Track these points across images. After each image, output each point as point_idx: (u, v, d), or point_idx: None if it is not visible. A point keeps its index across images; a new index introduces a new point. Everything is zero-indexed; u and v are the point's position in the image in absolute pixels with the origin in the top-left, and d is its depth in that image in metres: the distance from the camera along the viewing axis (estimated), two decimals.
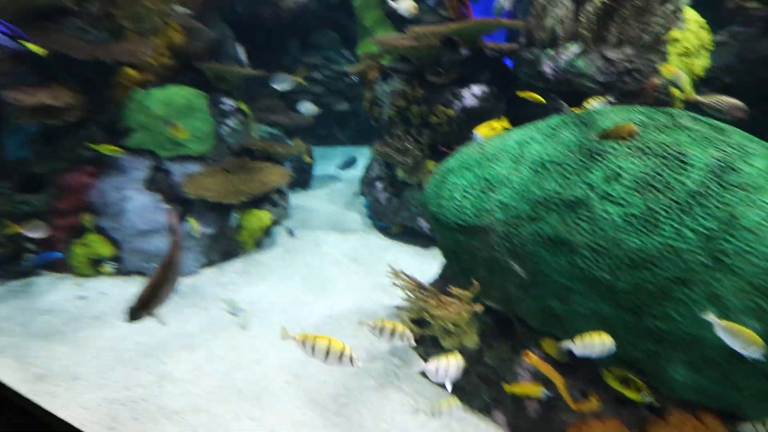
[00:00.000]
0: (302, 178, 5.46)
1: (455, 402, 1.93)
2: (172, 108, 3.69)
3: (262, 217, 3.94)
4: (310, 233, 4.56)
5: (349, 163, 6.10)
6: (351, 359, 1.73)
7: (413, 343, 1.93)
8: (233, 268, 3.92)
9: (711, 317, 1.56)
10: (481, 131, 2.77)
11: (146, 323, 1.84)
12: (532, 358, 2.05)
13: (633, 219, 1.78)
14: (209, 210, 3.76)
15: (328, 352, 1.73)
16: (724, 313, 1.62)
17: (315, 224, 4.77)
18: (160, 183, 3.67)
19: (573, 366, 2.10)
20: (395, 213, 4.30)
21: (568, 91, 3.36)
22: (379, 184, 4.42)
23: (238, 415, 2.33)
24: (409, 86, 4.02)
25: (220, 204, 3.69)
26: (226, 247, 3.92)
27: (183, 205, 3.74)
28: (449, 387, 2.01)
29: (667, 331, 1.71)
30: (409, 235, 4.39)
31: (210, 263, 3.87)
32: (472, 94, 3.89)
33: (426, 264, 3.93)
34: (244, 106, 4.29)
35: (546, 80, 3.44)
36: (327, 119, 6.55)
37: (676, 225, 1.71)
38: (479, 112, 3.84)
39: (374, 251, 4.23)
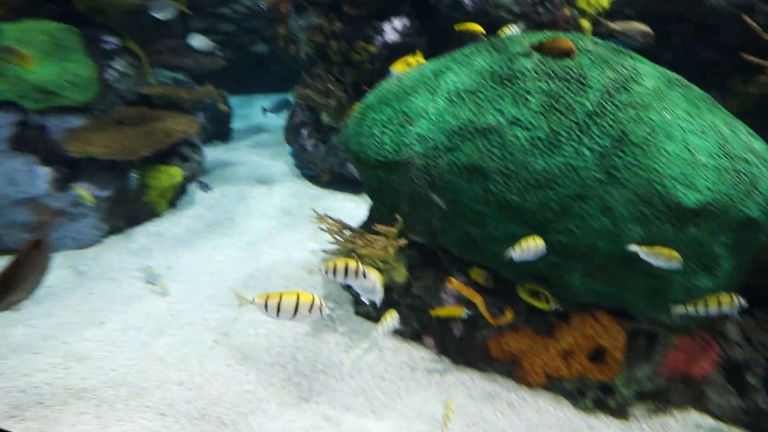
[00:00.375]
0: (220, 130, 5.00)
1: (394, 315, 2.00)
2: (32, 48, 3.02)
3: (172, 173, 3.56)
4: (234, 188, 4.28)
5: (281, 106, 5.30)
6: (320, 309, 1.60)
7: (379, 288, 1.88)
8: (144, 232, 3.58)
9: (635, 247, 1.71)
10: (398, 68, 2.66)
11: (43, 305, 1.62)
12: (453, 283, 2.18)
13: (539, 142, 1.85)
14: (103, 170, 3.29)
15: (296, 308, 1.56)
16: (615, 224, 1.80)
17: (238, 178, 4.47)
18: (32, 142, 3.11)
19: (492, 288, 2.27)
20: (323, 160, 4.15)
21: (487, 22, 3.32)
22: (304, 131, 4.19)
23: (162, 382, 2.23)
24: (325, 19, 3.70)
25: (115, 162, 3.24)
26: (131, 210, 3.52)
27: (69, 166, 3.24)
28: (378, 302, 2.06)
29: (567, 244, 1.87)
30: (339, 181, 4.29)
31: (115, 230, 3.47)
32: (393, 28, 3.68)
33: (359, 209, 3.91)
34: (134, 46, 3.68)
35: (465, 12, 3.38)
36: (243, 63, 5.89)
37: (575, 145, 1.81)
38: (402, 48, 3.68)
39: (304, 201, 4.10)
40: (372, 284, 1.93)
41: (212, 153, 4.86)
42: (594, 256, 1.88)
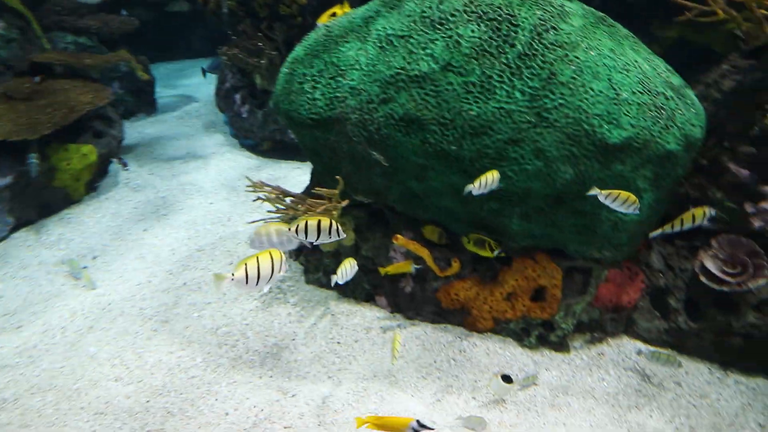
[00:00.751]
0: (143, 102, 4.51)
1: (352, 261, 1.95)
2: None
3: (84, 152, 3.17)
4: (164, 164, 3.93)
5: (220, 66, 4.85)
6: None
7: (341, 234, 1.75)
8: (60, 222, 3.23)
9: (595, 191, 1.73)
10: (324, 21, 2.48)
11: None
12: (399, 240, 2.15)
13: (472, 87, 1.82)
14: None
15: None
16: (548, 166, 1.84)
17: (168, 153, 4.11)
18: None
19: (437, 240, 2.28)
20: (261, 127, 3.89)
21: None
22: (236, 96, 3.88)
23: (95, 381, 2.07)
24: None
25: (9, 143, 2.82)
26: (41, 198, 3.13)
27: None
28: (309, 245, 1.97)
29: (504, 188, 1.89)
30: (281, 149, 4.07)
31: (23, 223, 3.09)
32: None
33: (305, 176, 3.75)
34: (16, 4, 3.13)
35: None
36: (164, 25, 5.29)
37: (507, 88, 1.80)
38: None
39: (244, 173, 3.86)
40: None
41: (135, 127, 4.41)
42: (530, 199, 1.92)
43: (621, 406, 2.04)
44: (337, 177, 2.21)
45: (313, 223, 1.68)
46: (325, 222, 1.69)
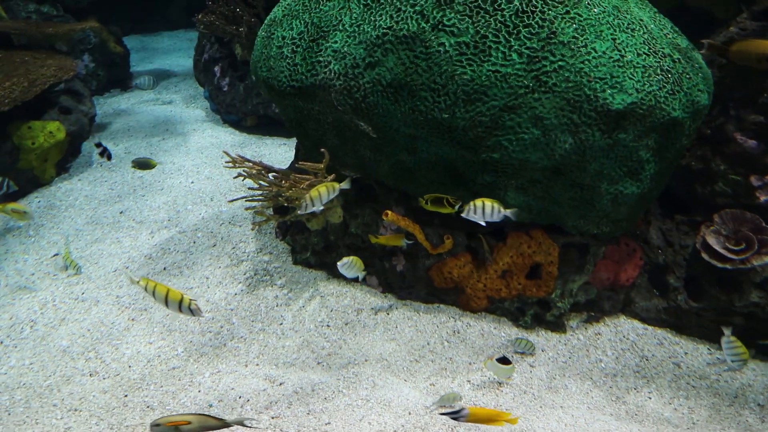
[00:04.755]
0: (117, 76, 4.24)
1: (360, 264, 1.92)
2: None
3: (51, 130, 2.95)
4: (141, 142, 3.72)
5: None
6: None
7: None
8: (27, 206, 3.02)
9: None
10: None
11: None
12: (390, 216, 2.03)
13: (465, 48, 1.67)
14: None
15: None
16: (546, 134, 1.71)
17: (145, 131, 3.88)
18: None
19: (428, 216, 2.16)
20: (244, 101, 3.67)
21: None
22: (216, 69, 3.65)
23: (69, 376, 1.94)
24: None
25: None
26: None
27: None
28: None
29: (499, 160, 1.77)
30: (266, 124, 3.86)
31: None
32: None
33: (292, 153, 3.59)
34: None
35: None
36: None
37: (503, 49, 1.65)
38: None
39: (227, 150, 3.69)
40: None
41: (110, 103, 4.16)
42: (526, 170, 1.80)
43: (619, 387, 1.98)
44: (323, 150, 2.06)
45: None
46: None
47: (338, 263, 2.01)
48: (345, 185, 1.92)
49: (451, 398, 1.79)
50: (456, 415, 1.38)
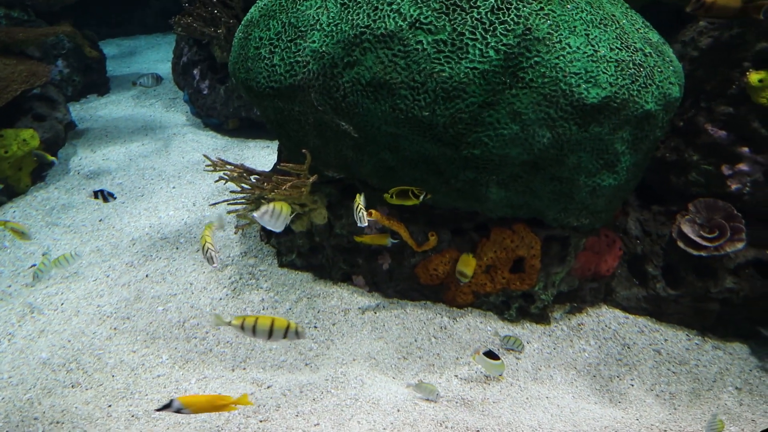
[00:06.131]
0: (94, 81, 4.14)
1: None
2: None
3: (25, 138, 2.87)
4: (119, 148, 3.64)
5: None
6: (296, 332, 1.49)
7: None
8: (2, 216, 2.94)
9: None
10: None
11: None
12: (374, 215, 2.03)
13: (443, 46, 1.68)
14: None
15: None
16: (525, 129, 1.74)
17: (124, 136, 3.80)
18: None
19: (413, 214, 2.17)
20: (225, 104, 3.63)
21: None
22: (195, 72, 3.59)
23: (50, 389, 1.89)
24: None
25: None
26: None
27: None
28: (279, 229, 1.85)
29: (480, 156, 1.79)
30: (249, 127, 3.82)
31: None
32: None
33: (275, 156, 3.56)
34: None
35: None
36: None
37: (480, 47, 1.67)
38: None
39: (208, 155, 3.64)
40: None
41: (87, 109, 4.06)
42: (507, 165, 1.82)
43: (602, 376, 2.02)
44: (304, 150, 2.05)
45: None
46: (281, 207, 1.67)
47: (255, 214, 1.75)
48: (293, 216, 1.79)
49: (428, 389, 1.80)
50: (172, 408, 1.27)
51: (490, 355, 1.87)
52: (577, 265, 2.21)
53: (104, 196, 2.50)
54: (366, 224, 1.81)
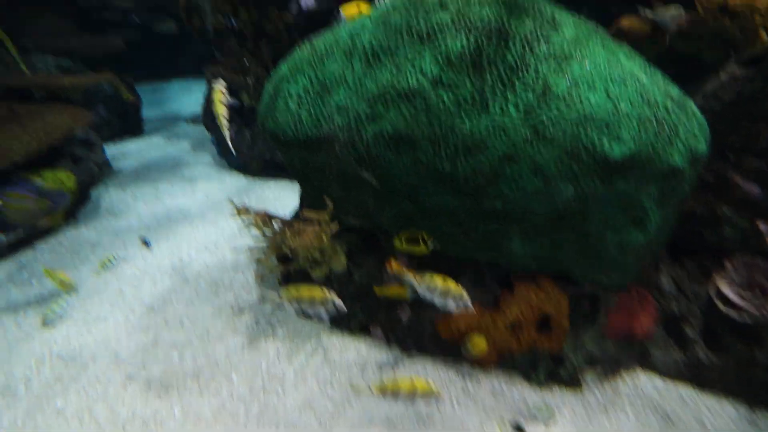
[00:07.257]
0: (128, 123, 4.42)
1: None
2: None
3: (60, 179, 3.05)
4: (148, 187, 3.80)
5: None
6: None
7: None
8: (32, 254, 3.03)
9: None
10: (348, 11, 2.37)
11: None
12: (393, 267, 2.00)
13: (464, 103, 1.73)
14: None
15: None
16: (547, 184, 1.72)
17: (153, 176, 3.98)
18: None
19: (435, 263, 2.13)
20: (250, 147, 3.80)
21: None
22: None
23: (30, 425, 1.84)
24: None
25: None
26: (11, 227, 2.98)
27: None
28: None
29: (502, 209, 1.76)
30: (272, 168, 3.95)
31: None
32: None
33: (296, 197, 3.64)
34: None
35: None
36: (151, 46, 5.26)
37: (501, 103, 1.71)
38: (319, 16, 3.41)
39: (232, 195, 3.74)
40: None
41: (121, 150, 4.30)
42: (530, 219, 1.79)
43: None
44: (325, 198, 2.08)
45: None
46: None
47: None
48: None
49: None
50: None
51: (518, 429, 1.72)
52: (609, 324, 2.08)
53: (146, 243, 2.70)
54: (455, 309, 1.80)
